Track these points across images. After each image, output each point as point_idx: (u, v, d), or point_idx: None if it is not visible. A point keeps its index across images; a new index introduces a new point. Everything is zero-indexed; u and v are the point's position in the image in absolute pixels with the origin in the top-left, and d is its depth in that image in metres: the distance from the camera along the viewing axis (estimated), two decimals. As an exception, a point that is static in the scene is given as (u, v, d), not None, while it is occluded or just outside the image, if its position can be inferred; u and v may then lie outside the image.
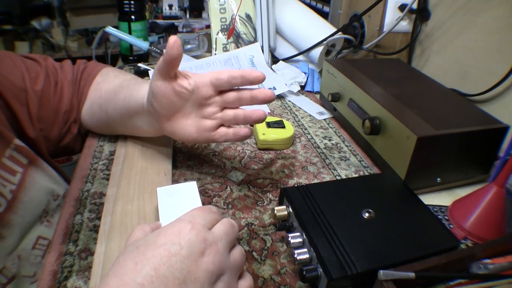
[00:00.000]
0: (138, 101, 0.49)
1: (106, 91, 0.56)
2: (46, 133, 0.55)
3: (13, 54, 0.54)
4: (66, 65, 0.60)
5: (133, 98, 0.50)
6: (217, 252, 0.29)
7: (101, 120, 0.57)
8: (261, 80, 0.44)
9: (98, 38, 1.07)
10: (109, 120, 0.56)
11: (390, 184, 0.48)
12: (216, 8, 0.92)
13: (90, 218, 0.45)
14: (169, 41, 0.40)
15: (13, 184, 0.48)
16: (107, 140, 0.60)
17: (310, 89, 0.84)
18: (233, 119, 0.46)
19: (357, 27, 0.89)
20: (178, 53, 0.41)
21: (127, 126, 0.55)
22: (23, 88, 0.52)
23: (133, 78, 0.58)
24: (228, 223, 0.32)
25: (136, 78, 0.59)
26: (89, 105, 0.58)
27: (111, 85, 0.57)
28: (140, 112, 0.50)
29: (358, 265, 0.35)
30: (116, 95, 0.54)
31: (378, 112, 0.55)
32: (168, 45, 0.40)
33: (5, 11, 2.19)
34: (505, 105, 0.61)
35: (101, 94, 0.57)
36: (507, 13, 0.60)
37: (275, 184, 0.53)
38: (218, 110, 0.46)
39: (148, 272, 0.26)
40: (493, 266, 0.35)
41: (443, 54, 0.74)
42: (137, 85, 0.52)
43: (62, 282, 0.37)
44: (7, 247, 0.46)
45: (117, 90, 0.54)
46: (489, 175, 0.54)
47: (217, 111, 0.46)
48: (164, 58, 0.41)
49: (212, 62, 0.89)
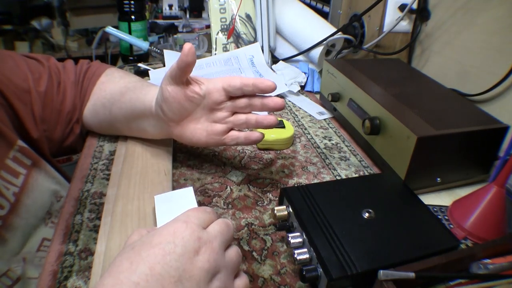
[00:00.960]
0: (146, 104, 0.49)
1: (111, 91, 0.56)
2: (49, 133, 0.55)
3: (15, 54, 0.54)
4: (69, 65, 0.59)
5: (140, 100, 0.50)
6: (212, 250, 0.29)
7: (105, 119, 0.57)
8: (273, 89, 0.44)
9: (98, 38, 1.07)
10: (113, 119, 0.56)
11: (390, 184, 0.48)
12: (216, 8, 0.92)
13: (90, 218, 0.45)
14: (184, 48, 0.41)
15: (16, 187, 0.48)
16: (107, 140, 0.60)
17: (310, 89, 0.84)
18: (244, 123, 0.47)
19: (357, 27, 0.89)
20: (193, 59, 0.41)
21: (132, 128, 0.55)
22: (27, 89, 0.51)
23: (139, 80, 0.57)
24: (223, 223, 0.33)
25: (141, 80, 0.58)
26: (92, 104, 0.57)
27: (116, 85, 0.56)
28: (147, 115, 0.50)
29: (358, 265, 0.35)
30: (122, 95, 0.53)
31: (378, 112, 0.55)
32: (183, 52, 0.41)
33: (5, 11, 2.19)
34: (505, 105, 0.61)
35: (105, 94, 0.56)
36: (507, 13, 0.60)
37: (275, 184, 0.53)
38: (229, 115, 0.47)
39: (144, 271, 0.26)
40: (493, 266, 0.35)
41: (443, 54, 0.74)
42: (144, 88, 0.52)
43: (62, 282, 0.37)
44: (11, 250, 0.46)
45: (123, 91, 0.54)
46: (489, 175, 0.54)
47: (228, 115, 0.47)
48: (178, 64, 0.42)
49: (212, 62, 0.89)
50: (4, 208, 0.45)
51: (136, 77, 0.60)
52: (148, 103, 0.48)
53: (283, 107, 0.46)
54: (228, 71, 0.85)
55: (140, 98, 0.50)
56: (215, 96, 0.45)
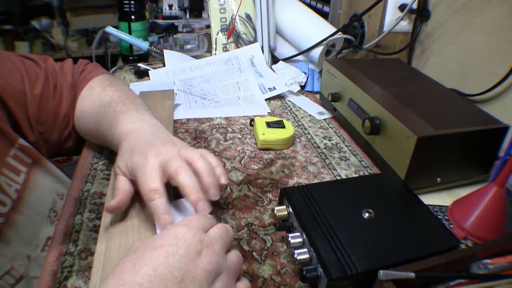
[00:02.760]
0: (114, 143, 0.47)
1: (89, 113, 0.54)
2: (46, 136, 0.55)
3: (13, 55, 0.53)
4: (67, 66, 0.58)
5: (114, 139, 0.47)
6: (213, 252, 0.30)
7: (91, 137, 0.57)
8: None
9: (98, 38, 1.07)
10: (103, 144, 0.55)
11: (390, 184, 0.48)
12: (216, 8, 0.92)
13: (90, 218, 0.45)
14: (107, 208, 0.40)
15: (18, 184, 0.48)
16: (107, 140, 0.60)
17: (310, 89, 0.84)
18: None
19: (357, 27, 0.89)
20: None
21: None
22: (22, 91, 0.51)
23: (110, 104, 0.51)
24: (223, 227, 0.33)
25: (111, 103, 0.52)
26: (77, 120, 0.56)
27: (92, 106, 0.54)
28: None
29: (358, 265, 0.35)
30: (96, 126, 0.52)
31: (378, 112, 0.55)
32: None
33: (5, 11, 2.19)
34: (505, 105, 0.61)
35: (85, 114, 0.55)
36: (507, 13, 0.60)
37: (275, 184, 0.53)
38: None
39: (147, 272, 0.27)
40: (493, 266, 0.35)
41: (443, 54, 0.74)
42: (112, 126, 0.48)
43: (62, 282, 0.37)
44: (13, 247, 0.46)
45: (96, 121, 0.52)
46: (489, 175, 0.54)
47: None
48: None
49: (212, 62, 0.89)
50: (6, 205, 0.45)
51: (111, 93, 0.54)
52: (116, 143, 0.46)
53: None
54: (228, 71, 0.85)
55: (113, 136, 0.47)
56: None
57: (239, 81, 0.82)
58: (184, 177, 0.38)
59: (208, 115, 0.71)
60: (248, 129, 0.67)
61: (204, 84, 0.81)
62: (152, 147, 0.41)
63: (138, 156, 0.40)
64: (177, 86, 0.80)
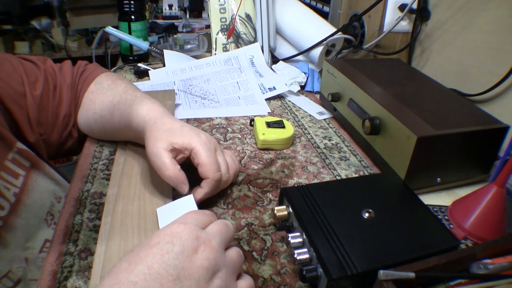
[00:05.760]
0: (139, 125, 0.49)
1: (100, 105, 0.55)
2: (46, 137, 0.55)
3: (12, 57, 0.53)
4: (66, 67, 0.58)
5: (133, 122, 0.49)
6: (211, 249, 0.29)
7: (100, 134, 0.59)
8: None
9: (98, 38, 1.08)
10: (108, 135, 0.58)
11: (390, 184, 0.48)
12: (216, 8, 0.92)
13: (90, 218, 0.45)
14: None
15: (16, 187, 0.48)
16: (107, 141, 0.60)
17: (310, 89, 0.84)
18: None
19: (357, 27, 0.89)
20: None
21: (132, 138, 0.55)
22: (22, 93, 0.51)
23: (124, 92, 0.54)
24: (222, 223, 0.33)
25: (128, 90, 0.55)
26: (84, 115, 0.57)
27: (104, 98, 0.55)
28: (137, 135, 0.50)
29: (358, 265, 0.35)
30: (111, 115, 0.53)
31: (378, 112, 0.55)
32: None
33: (5, 11, 2.19)
34: (505, 105, 0.61)
35: (95, 109, 0.56)
36: (507, 13, 0.60)
37: (275, 184, 0.53)
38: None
39: (142, 270, 0.26)
40: (493, 266, 0.35)
41: (443, 54, 0.74)
42: (133, 105, 0.50)
43: (62, 282, 0.37)
44: (11, 250, 0.46)
45: (111, 109, 0.53)
46: (489, 175, 0.54)
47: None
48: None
49: (212, 62, 0.89)
50: (4, 209, 0.45)
51: (124, 85, 0.56)
52: (142, 124, 0.48)
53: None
54: (228, 71, 0.85)
55: (132, 119, 0.50)
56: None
57: (239, 81, 0.82)
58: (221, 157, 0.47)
59: (208, 115, 0.71)
60: (248, 129, 0.67)
61: (204, 84, 0.81)
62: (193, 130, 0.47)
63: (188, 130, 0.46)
64: (177, 86, 0.80)
